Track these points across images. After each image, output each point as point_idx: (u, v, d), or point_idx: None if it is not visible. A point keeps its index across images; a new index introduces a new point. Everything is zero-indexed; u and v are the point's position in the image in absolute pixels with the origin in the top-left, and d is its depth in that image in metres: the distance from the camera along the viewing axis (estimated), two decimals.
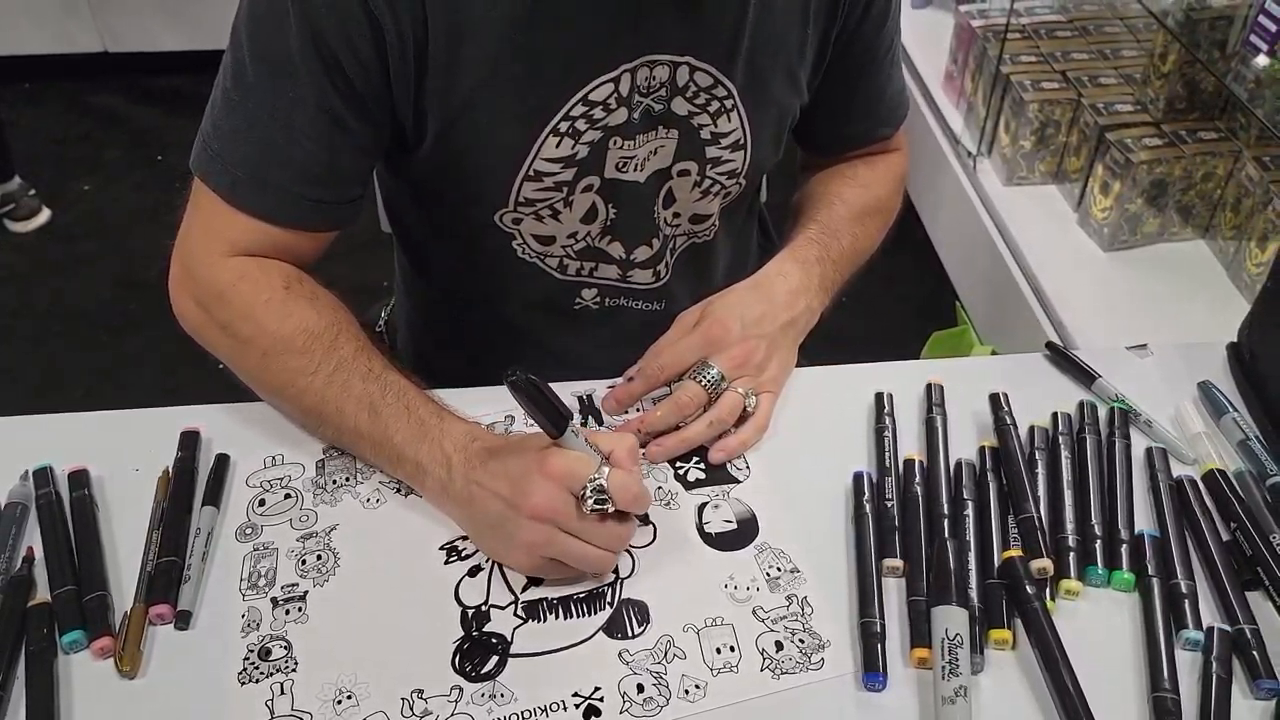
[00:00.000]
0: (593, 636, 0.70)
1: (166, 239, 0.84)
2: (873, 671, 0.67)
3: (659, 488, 0.80)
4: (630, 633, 0.70)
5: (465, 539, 0.76)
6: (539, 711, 0.66)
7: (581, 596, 0.72)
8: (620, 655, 0.69)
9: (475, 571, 0.74)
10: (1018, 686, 0.68)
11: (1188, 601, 0.71)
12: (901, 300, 2.21)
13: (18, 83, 2.89)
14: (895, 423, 0.84)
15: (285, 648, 0.69)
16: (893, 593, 0.73)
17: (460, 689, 0.67)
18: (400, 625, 0.71)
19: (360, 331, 0.81)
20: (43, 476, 0.78)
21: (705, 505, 0.79)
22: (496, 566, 0.74)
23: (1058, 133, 1.88)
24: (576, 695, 0.67)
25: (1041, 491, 0.79)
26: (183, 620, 0.70)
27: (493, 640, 0.70)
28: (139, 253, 2.37)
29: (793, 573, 0.74)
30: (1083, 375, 0.90)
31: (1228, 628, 0.70)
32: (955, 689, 0.64)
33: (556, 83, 0.79)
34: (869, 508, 0.77)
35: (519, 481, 0.69)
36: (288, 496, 0.79)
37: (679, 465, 0.82)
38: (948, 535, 0.75)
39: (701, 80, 0.83)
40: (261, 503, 0.78)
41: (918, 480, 0.79)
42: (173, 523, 0.75)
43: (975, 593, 0.71)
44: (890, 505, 0.77)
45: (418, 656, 0.69)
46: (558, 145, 0.82)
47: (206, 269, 0.81)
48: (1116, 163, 1.70)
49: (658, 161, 0.87)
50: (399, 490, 0.79)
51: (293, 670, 0.68)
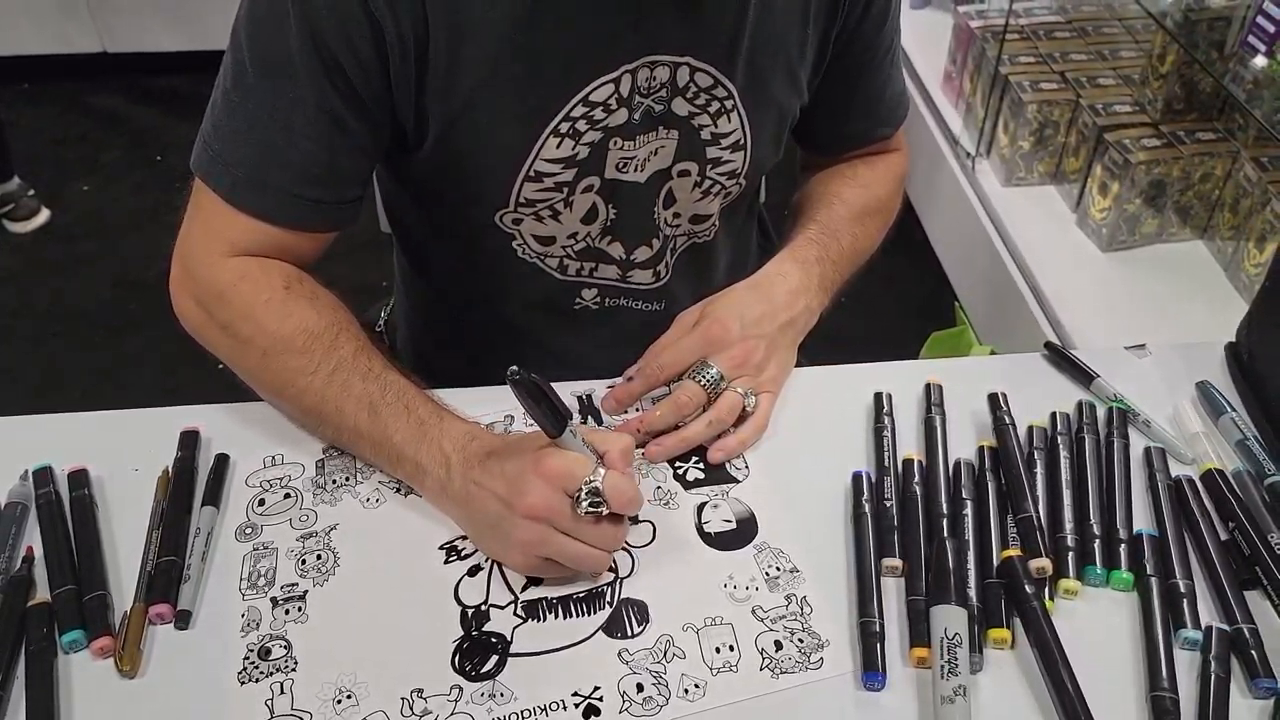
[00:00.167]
0: (592, 636, 0.70)
1: (166, 239, 0.84)
2: (872, 671, 0.67)
3: (658, 487, 0.80)
4: (630, 632, 0.70)
5: (465, 539, 0.76)
6: (538, 711, 0.66)
7: (581, 596, 0.72)
8: (620, 655, 0.69)
9: (475, 571, 0.74)
10: (1017, 686, 0.68)
11: (1186, 601, 0.71)
12: (900, 300, 2.22)
13: (17, 83, 2.89)
14: (894, 422, 0.84)
15: (285, 647, 0.69)
16: (892, 592, 0.73)
17: (460, 688, 0.67)
18: (400, 625, 0.71)
19: (360, 331, 0.82)
20: (43, 476, 0.78)
21: (704, 505, 0.79)
22: (496, 566, 0.74)
23: (1056, 133, 1.88)
24: (576, 695, 0.67)
25: (1040, 491, 0.79)
26: (182, 620, 0.70)
27: (492, 640, 0.70)
28: (138, 253, 2.37)
29: (792, 572, 0.74)
30: (1081, 375, 0.90)
31: (1226, 627, 0.70)
32: (954, 688, 0.64)
33: (557, 83, 0.79)
34: (868, 507, 0.77)
35: (515, 481, 0.69)
36: (287, 496, 0.79)
37: (678, 465, 0.82)
38: (947, 535, 0.75)
39: (702, 81, 0.83)
40: (261, 502, 0.78)
41: (917, 480, 0.79)
42: (172, 522, 0.75)
43: (974, 592, 0.71)
44: (889, 505, 0.77)
45: (417, 656, 0.69)
46: (558, 146, 0.82)
47: (207, 269, 0.81)
48: (1115, 163, 1.70)
49: (658, 162, 0.87)
50: (399, 490, 0.79)
51: (292, 670, 0.68)
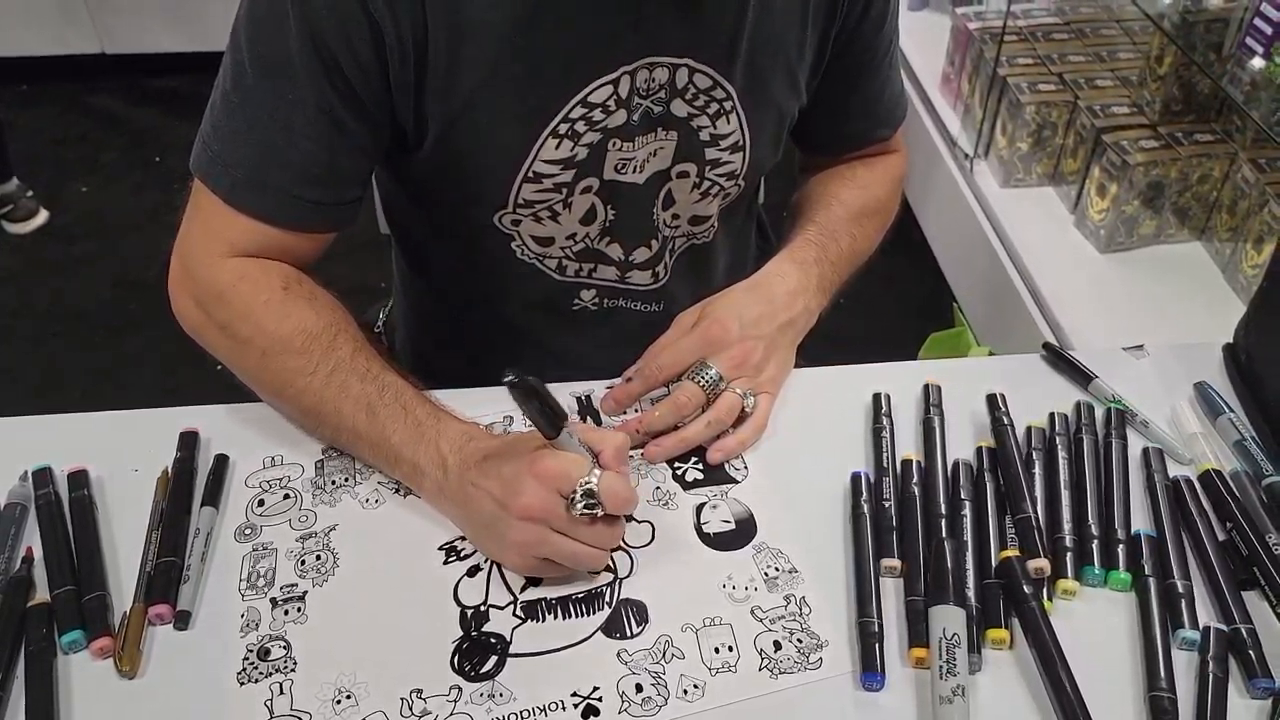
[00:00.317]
0: (591, 636, 0.70)
1: (165, 240, 0.84)
2: (871, 671, 0.68)
3: (657, 488, 0.80)
4: (629, 633, 0.71)
5: (464, 539, 0.76)
6: (538, 711, 0.66)
7: (580, 596, 0.73)
8: (619, 655, 0.69)
9: (474, 571, 0.74)
10: (1015, 686, 0.68)
11: (1184, 601, 0.72)
12: (899, 301, 2.22)
13: (16, 84, 2.89)
14: (893, 423, 0.84)
15: (284, 648, 0.69)
16: (890, 593, 0.73)
17: (459, 689, 0.67)
18: (399, 625, 0.71)
19: (359, 332, 0.82)
20: (42, 477, 0.78)
21: (704, 505, 0.79)
22: (495, 566, 0.74)
23: (1054, 135, 1.88)
24: (575, 695, 0.67)
25: (1039, 492, 0.79)
26: (182, 620, 0.70)
27: (491, 640, 0.70)
28: (137, 253, 2.37)
29: (791, 573, 0.75)
30: (1080, 376, 0.90)
31: (1224, 627, 0.70)
32: (953, 688, 0.64)
33: (556, 84, 0.80)
34: (867, 508, 0.77)
35: (511, 482, 0.70)
36: (287, 497, 0.79)
37: (677, 465, 0.82)
38: (945, 535, 0.75)
39: (701, 82, 0.83)
40: (261, 503, 0.79)
41: (915, 480, 0.79)
42: (172, 523, 0.75)
43: (973, 592, 0.71)
44: (888, 505, 0.77)
45: (417, 656, 0.69)
46: (557, 147, 0.82)
47: (206, 269, 0.81)
48: (1113, 164, 1.70)
49: (657, 163, 0.87)
50: (398, 491, 0.79)
51: (292, 670, 0.68)
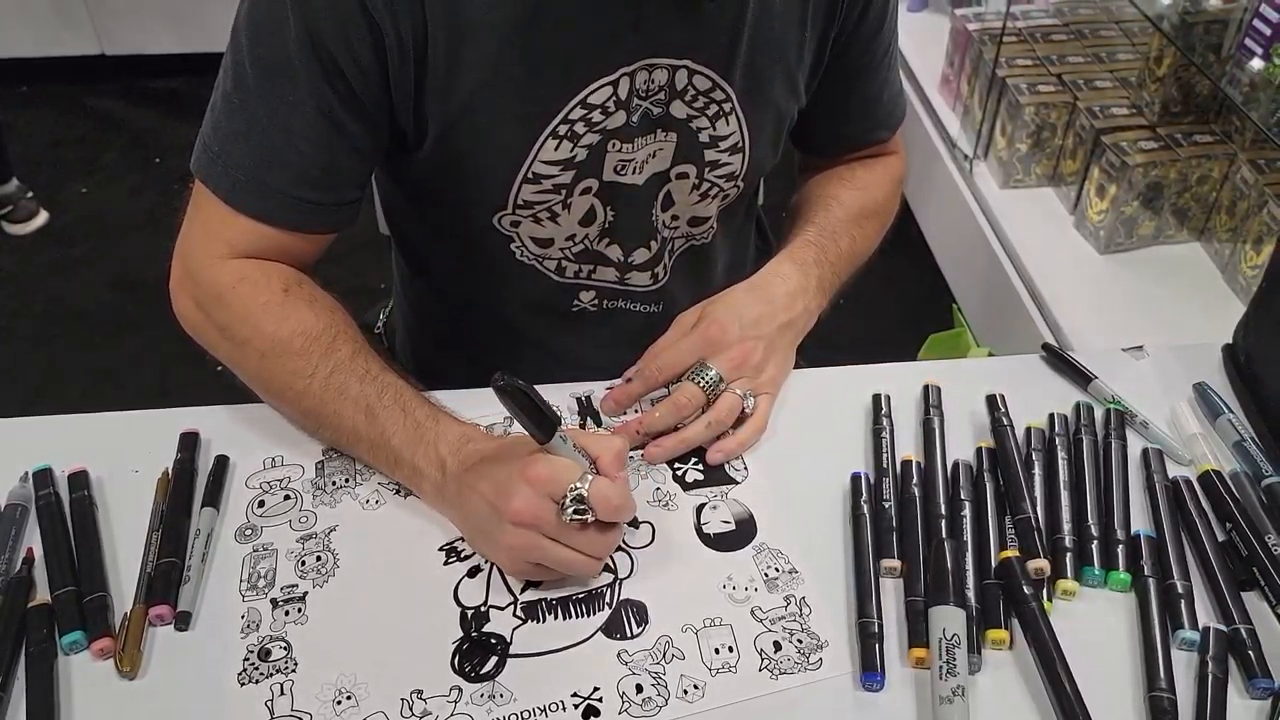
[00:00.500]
0: (592, 637, 0.70)
1: (164, 241, 0.84)
2: (871, 671, 0.68)
3: (657, 488, 0.81)
4: (629, 633, 0.71)
5: (464, 540, 0.76)
6: (538, 712, 0.66)
7: (580, 597, 0.73)
8: (619, 655, 0.69)
9: (474, 572, 0.74)
10: (1015, 686, 0.68)
11: (1184, 602, 0.72)
12: (898, 302, 2.22)
13: (15, 85, 2.89)
14: (893, 424, 0.84)
15: (285, 648, 0.69)
16: (890, 593, 0.73)
17: (460, 689, 0.67)
18: (400, 626, 0.71)
19: (358, 333, 0.82)
20: (43, 478, 0.78)
21: (704, 506, 0.79)
22: (495, 567, 0.74)
23: (1054, 136, 1.88)
24: (575, 695, 0.67)
25: (1038, 492, 0.79)
26: (182, 621, 0.70)
27: (492, 641, 0.70)
28: (137, 254, 2.37)
29: (791, 573, 0.75)
30: (1079, 376, 0.90)
31: (1223, 628, 0.70)
32: (953, 689, 0.64)
33: (555, 85, 0.80)
34: (867, 508, 0.77)
35: (503, 486, 0.69)
36: (287, 498, 0.79)
37: (677, 466, 0.82)
38: (945, 536, 0.75)
39: (700, 84, 0.83)
40: (261, 504, 0.79)
41: (915, 481, 0.79)
42: (172, 524, 0.75)
43: (972, 593, 0.71)
44: (888, 506, 0.77)
45: (417, 657, 0.69)
46: (556, 148, 0.82)
47: (206, 271, 0.81)
48: (1112, 165, 1.70)
49: (656, 164, 0.87)
50: (398, 491, 0.79)
51: (292, 671, 0.68)
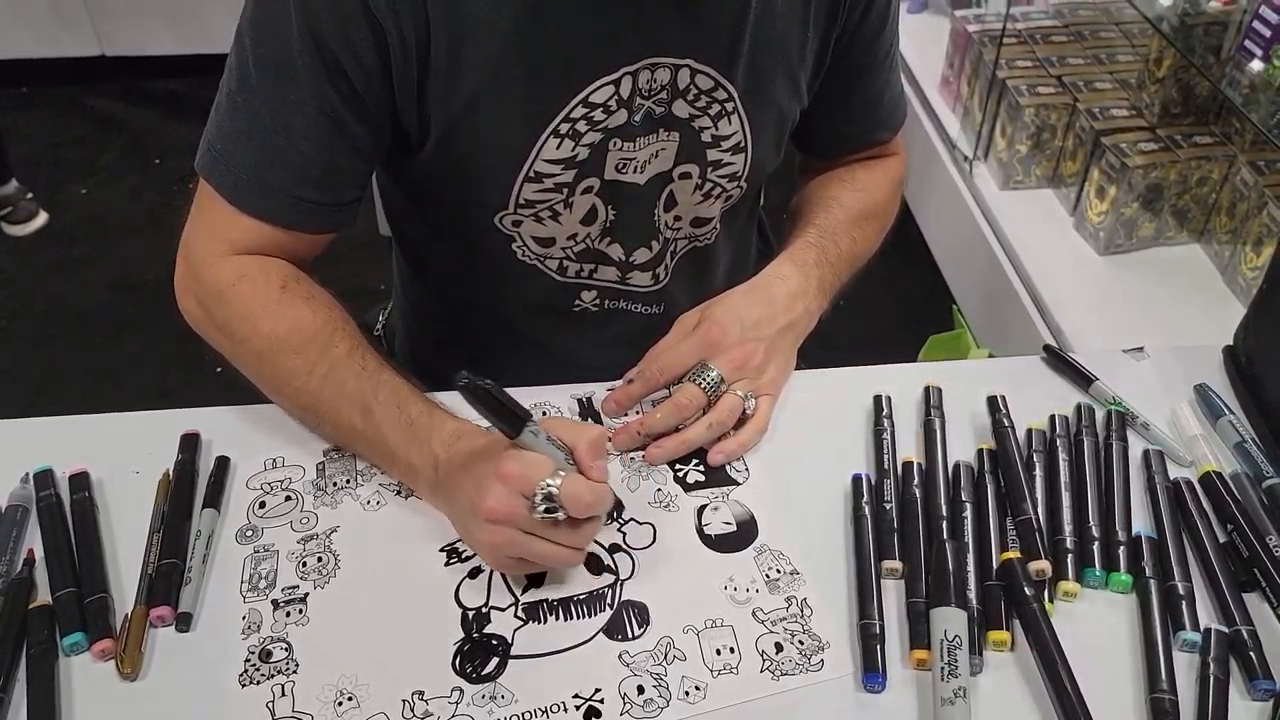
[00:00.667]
0: (593, 638, 0.70)
1: (164, 242, 0.85)
2: (872, 673, 0.68)
3: (658, 489, 0.80)
4: (630, 634, 0.71)
5: (465, 541, 0.76)
6: (539, 713, 0.66)
7: (582, 598, 0.73)
8: (620, 657, 0.69)
9: (476, 573, 0.74)
10: (1016, 688, 0.68)
11: (1185, 603, 0.72)
12: (898, 303, 2.22)
13: (14, 86, 2.89)
14: (894, 425, 0.84)
15: (286, 649, 0.69)
16: (892, 594, 0.73)
17: (461, 690, 0.67)
18: (401, 627, 0.71)
19: (355, 330, 0.82)
20: (43, 479, 0.78)
21: (705, 507, 0.79)
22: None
23: (1054, 137, 1.88)
24: (577, 697, 0.67)
25: (1039, 493, 0.79)
26: (183, 622, 0.70)
27: (493, 642, 0.70)
28: (136, 255, 2.36)
29: (792, 574, 0.75)
30: (1080, 378, 0.90)
31: (1225, 629, 0.70)
32: (954, 690, 0.64)
33: (557, 84, 0.80)
34: (868, 509, 0.77)
35: (480, 483, 0.69)
36: (288, 499, 0.79)
37: (678, 467, 0.82)
38: (946, 537, 0.75)
39: (702, 83, 0.83)
40: (262, 505, 0.78)
41: (916, 482, 0.79)
42: (173, 525, 0.75)
43: (974, 594, 0.71)
44: (889, 507, 0.77)
45: (418, 658, 0.69)
46: (558, 146, 0.82)
47: (208, 269, 0.82)
48: (1112, 167, 1.70)
49: (659, 164, 0.87)
50: (399, 492, 0.79)
51: (293, 672, 0.68)
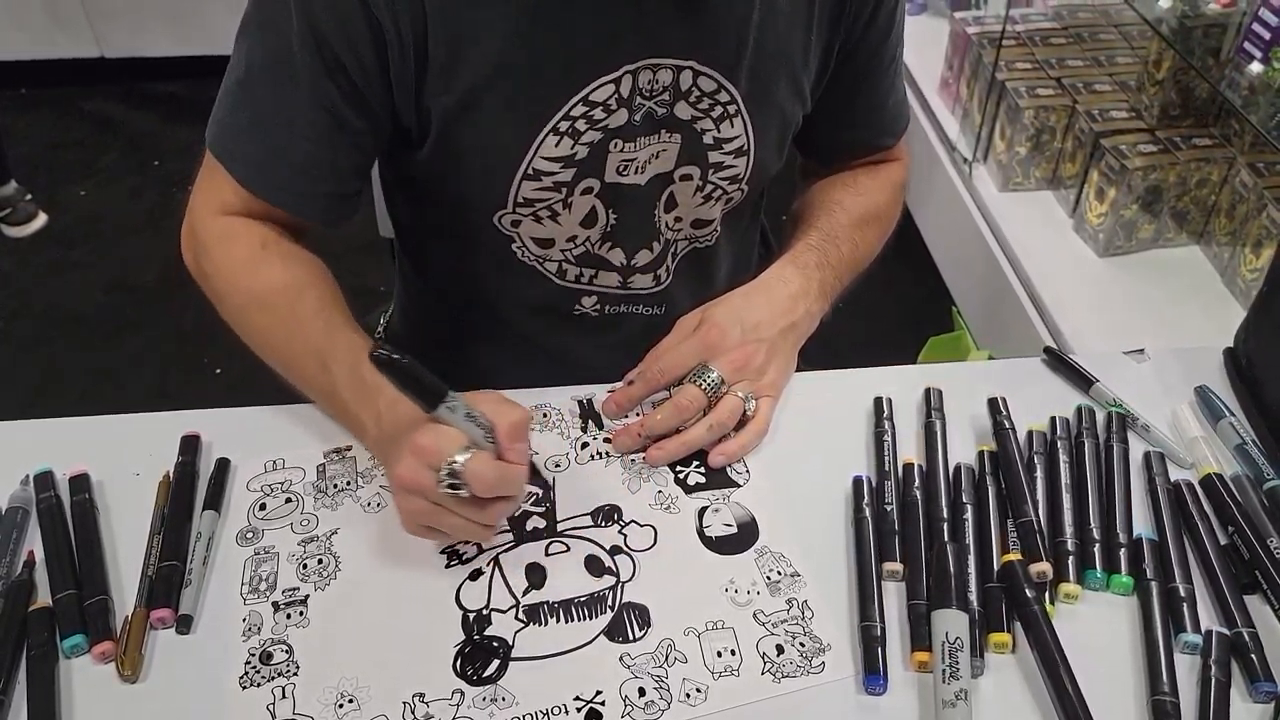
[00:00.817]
0: (594, 640, 0.70)
1: (163, 243, 0.86)
2: (873, 675, 0.68)
3: (659, 491, 0.80)
4: (631, 636, 0.71)
5: (466, 543, 0.76)
6: (540, 715, 0.66)
7: (583, 600, 0.72)
8: (621, 659, 0.69)
9: (476, 575, 0.74)
10: (1018, 690, 0.68)
11: (1186, 605, 0.72)
12: (898, 305, 2.22)
13: (13, 88, 2.89)
14: (894, 427, 0.84)
15: (286, 652, 0.69)
16: (892, 596, 0.73)
17: (461, 693, 0.67)
18: (401, 629, 0.71)
19: (328, 290, 0.85)
20: (43, 480, 0.78)
21: (705, 509, 0.79)
22: (497, 570, 0.74)
23: (1053, 139, 1.89)
24: (578, 699, 0.67)
25: (1040, 495, 0.79)
26: (184, 624, 0.70)
27: (494, 644, 0.70)
28: (135, 257, 2.35)
29: (793, 576, 0.75)
30: (1080, 380, 0.90)
31: (1226, 631, 0.70)
32: (955, 692, 0.64)
33: (557, 82, 0.80)
34: (868, 511, 0.77)
35: (399, 451, 0.71)
36: (289, 501, 0.79)
37: (679, 469, 0.82)
38: (947, 539, 0.75)
39: (705, 85, 0.83)
40: (262, 507, 0.78)
41: (917, 484, 0.79)
42: (174, 527, 0.75)
43: (975, 596, 0.71)
44: (890, 509, 0.77)
45: (419, 660, 0.69)
46: (557, 144, 0.82)
47: (202, 224, 0.86)
48: (1111, 169, 1.70)
49: (660, 165, 0.87)
50: None
51: (294, 674, 0.68)
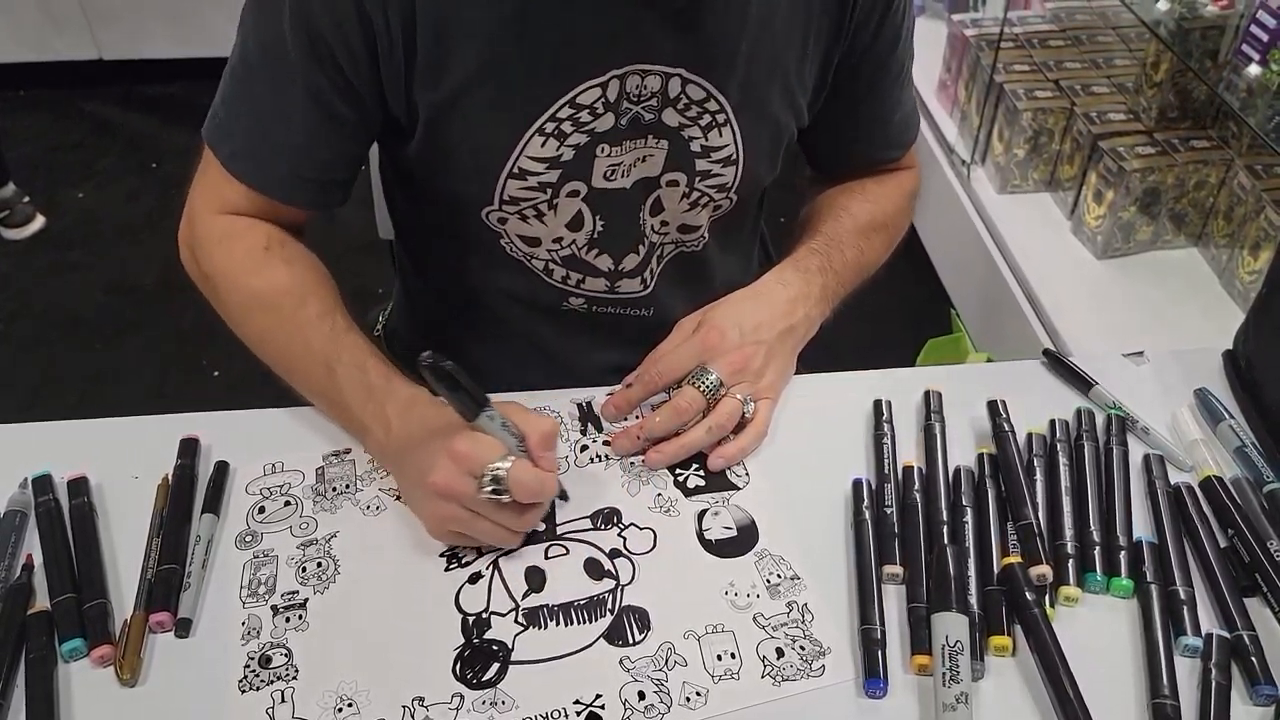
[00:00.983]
0: (593, 643, 0.70)
1: (161, 245, 0.86)
2: (873, 678, 0.67)
3: (659, 494, 0.80)
4: (631, 640, 0.70)
5: (466, 547, 0.76)
6: (540, 719, 0.66)
7: (582, 603, 0.72)
8: (621, 662, 0.69)
9: (476, 578, 0.74)
10: (1018, 693, 0.68)
11: (1186, 608, 0.72)
12: (896, 307, 2.21)
13: (12, 90, 2.89)
14: (894, 430, 0.84)
15: (286, 655, 0.69)
16: (893, 599, 0.73)
17: (461, 696, 0.67)
18: (401, 632, 0.70)
19: (331, 294, 0.85)
20: (42, 484, 0.78)
21: (705, 512, 0.79)
22: (497, 573, 0.74)
23: (1051, 141, 1.89)
24: (578, 702, 0.67)
25: (1040, 498, 0.79)
26: (183, 628, 0.70)
27: (493, 647, 0.70)
28: (134, 258, 2.35)
29: (793, 579, 0.74)
30: (1080, 382, 0.90)
31: (1226, 634, 0.70)
32: (956, 695, 0.64)
33: (543, 83, 0.80)
34: (868, 514, 0.77)
35: (432, 458, 0.72)
36: (288, 504, 0.79)
37: (678, 472, 0.82)
38: (947, 542, 0.75)
39: (694, 93, 0.83)
40: (261, 510, 0.78)
41: (917, 487, 0.79)
42: (172, 530, 0.75)
43: (975, 599, 0.71)
44: (889, 512, 0.77)
45: (418, 664, 0.69)
46: (542, 145, 0.82)
47: (202, 222, 0.87)
48: (1110, 171, 1.70)
49: (645, 169, 0.87)
50: (399, 497, 0.79)
51: (293, 678, 0.68)
